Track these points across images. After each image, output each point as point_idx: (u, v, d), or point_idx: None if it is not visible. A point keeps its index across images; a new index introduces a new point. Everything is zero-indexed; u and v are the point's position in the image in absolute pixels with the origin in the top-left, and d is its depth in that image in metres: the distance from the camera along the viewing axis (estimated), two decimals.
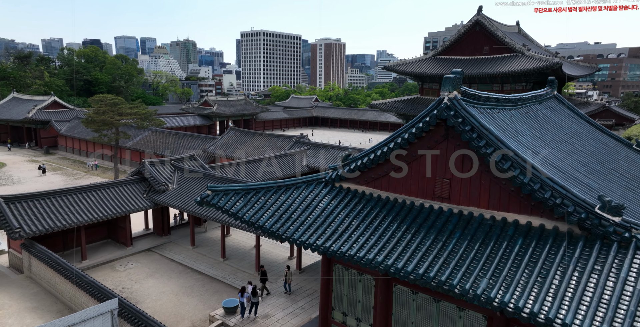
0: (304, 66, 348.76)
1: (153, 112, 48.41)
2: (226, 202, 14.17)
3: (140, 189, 27.18)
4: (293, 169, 37.54)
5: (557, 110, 17.69)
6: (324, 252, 12.12)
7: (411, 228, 11.94)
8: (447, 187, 12.10)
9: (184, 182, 27.68)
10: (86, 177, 50.51)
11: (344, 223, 12.84)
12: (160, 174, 27.89)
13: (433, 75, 54.82)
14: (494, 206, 11.32)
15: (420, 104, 57.78)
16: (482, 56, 53.43)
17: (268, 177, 34.29)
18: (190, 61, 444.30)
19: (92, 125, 43.90)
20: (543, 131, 14.65)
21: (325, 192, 14.15)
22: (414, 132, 12.29)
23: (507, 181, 10.90)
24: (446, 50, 57.31)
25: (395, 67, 58.31)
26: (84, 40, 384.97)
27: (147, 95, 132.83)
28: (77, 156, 64.82)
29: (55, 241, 24.35)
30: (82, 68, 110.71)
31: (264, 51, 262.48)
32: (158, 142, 55.28)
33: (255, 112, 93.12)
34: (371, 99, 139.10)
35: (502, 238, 10.64)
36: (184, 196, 26.16)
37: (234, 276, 23.25)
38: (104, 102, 44.66)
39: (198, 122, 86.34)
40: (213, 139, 51.09)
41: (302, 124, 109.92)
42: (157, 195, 26.69)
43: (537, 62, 46.05)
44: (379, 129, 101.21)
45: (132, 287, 21.81)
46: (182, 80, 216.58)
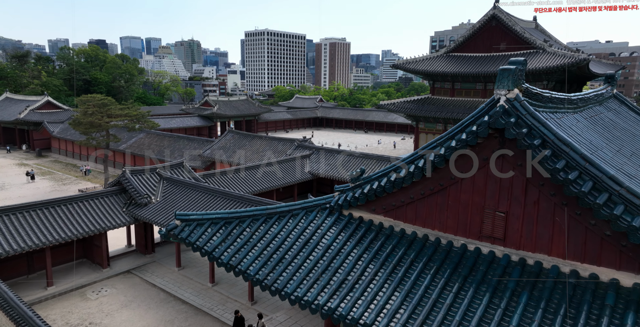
0: (308, 66, 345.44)
1: (146, 114, 45.17)
2: (199, 236, 10.75)
3: (119, 202, 23.84)
4: (294, 176, 34.11)
5: (621, 113, 14.11)
6: (328, 314, 8.66)
7: (452, 282, 8.46)
8: (501, 223, 8.61)
9: (170, 194, 24.33)
10: (76, 183, 47.39)
11: (355, 270, 9.38)
12: (142, 184, 24.55)
13: (445, 73, 51.16)
14: (575, 255, 7.82)
15: (431, 105, 54.19)
16: (499, 53, 49.72)
17: (266, 186, 30.88)
18: (194, 61, 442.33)
19: (79, 127, 40.73)
20: (618, 142, 11.10)
21: (330, 223, 10.68)
22: (453, 146, 8.81)
23: (599, 220, 7.40)
24: (459, 47, 53.61)
25: (405, 65, 54.70)
26: (90, 41, 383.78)
27: (148, 96, 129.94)
28: (71, 159, 61.80)
29: (19, 264, 21.10)
30: (81, 67, 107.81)
31: (268, 51, 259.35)
32: (153, 145, 52.06)
33: (257, 113, 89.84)
34: (377, 99, 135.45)
35: (599, 310, 7.10)
36: (168, 210, 22.81)
37: (224, 306, 19.84)
38: (92, 103, 41.48)
39: (198, 123, 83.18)
40: (210, 142, 47.79)
41: (306, 124, 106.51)
42: (137, 209, 23.35)
43: (561, 58, 42.28)
44: (385, 130, 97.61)
45: (102, 322, 18.46)
46: (185, 80, 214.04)
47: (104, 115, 40.59)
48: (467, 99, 52.57)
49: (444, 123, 54.21)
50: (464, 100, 52.36)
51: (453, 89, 53.89)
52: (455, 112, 50.31)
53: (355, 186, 10.72)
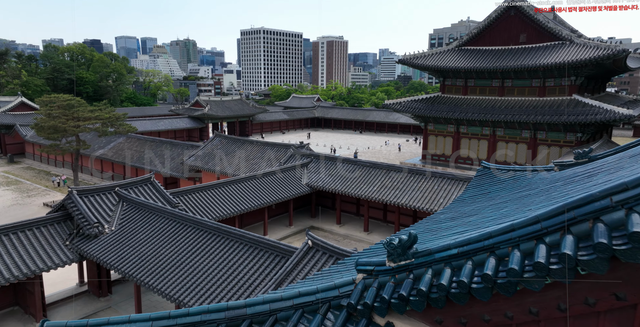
0: (305, 65, 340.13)
1: (122, 116, 39.75)
2: None
3: (62, 233, 18.48)
4: (290, 189, 28.80)
5: None
6: None
7: None
8: None
9: (129, 222, 18.98)
10: (44, 194, 41.92)
11: None
12: (94, 208, 19.18)
13: (458, 69, 45.86)
14: None
15: (441, 104, 48.91)
16: (519, 45, 44.47)
17: (255, 204, 25.55)
18: (190, 61, 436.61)
19: (42, 133, 35.36)
20: None
21: None
22: None
23: None
24: (473, 40, 48.33)
25: (412, 60, 49.41)
26: (85, 41, 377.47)
27: (138, 96, 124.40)
28: (45, 166, 56.32)
29: None
30: (66, 66, 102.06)
31: (265, 50, 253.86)
32: (133, 151, 46.63)
33: (252, 113, 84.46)
34: (376, 98, 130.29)
35: None
36: (124, 244, 17.47)
37: None
38: (56, 104, 36.07)
39: (188, 125, 77.76)
40: (196, 147, 42.42)
41: (303, 125, 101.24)
42: (85, 242, 18.00)
43: (594, 50, 37.04)
44: (387, 130, 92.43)
45: None
46: (179, 80, 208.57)
47: (69, 119, 35.20)
48: (482, 97, 47.34)
49: (456, 125, 48.98)
50: (479, 99, 47.13)
51: (466, 87, 48.65)
52: (470, 112, 45.08)
53: (400, 268, 5.38)
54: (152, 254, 16.36)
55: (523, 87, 44.33)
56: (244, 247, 15.43)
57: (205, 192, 25.06)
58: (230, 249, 15.57)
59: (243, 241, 15.62)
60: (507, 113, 42.38)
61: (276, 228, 29.56)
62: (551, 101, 41.64)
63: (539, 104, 42.04)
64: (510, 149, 45.56)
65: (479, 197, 15.34)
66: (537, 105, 41.79)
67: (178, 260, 15.74)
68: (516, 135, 44.88)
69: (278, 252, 14.60)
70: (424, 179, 26.67)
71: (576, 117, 37.29)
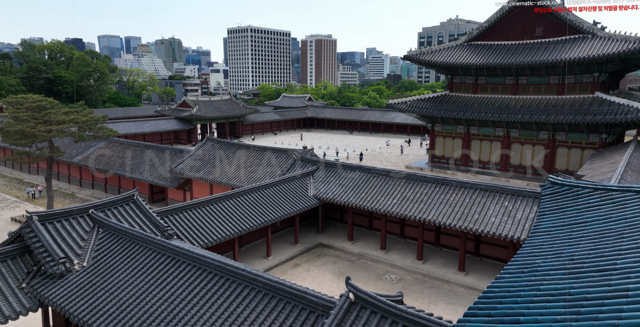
0: (293, 65, 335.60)
1: (101, 119, 35.37)
2: None
3: (17, 272, 14.45)
4: (295, 203, 25.03)
5: None
6: None
7: None
8: None
9: (106, 255, 15.01)
10: (13, 206, 37.45)
11: None
12: (59, 239, 15.15)
13: (468, 65, 42.57)
14: None
15: (450, 103, 45.56)
16: (534, 40, 41.32)
17: (256, 223, 21.71)
18: (175, 60, 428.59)
19: (8, 138, 30.93)
20: None
21: None
22: None
23: None
24: (484, 35, 45.07)
25: (418, 56, 45.98)
26: (66, 40, 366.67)
27: (121, 96, 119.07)
28: (18, 173, 51.54)
29: None
30: (43, 65, 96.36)
31: (252, 48, 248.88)
32: (114, 157, 42.30)
33: (242, 114, 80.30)
34: (368, 97, 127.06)
35: None
36: (98, 288, 13.54)
37: None
38: (25, 106, 31.66)
39: (175, 127, 73.34)
40: (185, 152, 38.27)
41: (295, 125, 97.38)
42: (48, 284, 14.01)
43: (622, 44, 33.98)
44: (382, 131, 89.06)
45: None
46: (165, 79, 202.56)
47: (39, 122, 30.85)
48: (493, 95, 44.13)
49: (467, 125, 45.69)
50: (491, 98, 43.91)
51: (476, 84, 45.39)
52: (482, 112, 41.82)
53: None
54: (136, 304, 12.48)
55: (539, 85, 41.22)
56: (257, 295, 11.67)
57: (199, 210, 21.15)
58: (238, 297, 11.79)
59: (256, 286, 11.84)
60: (524, 113, 39.20)
61: (280, 246, 25.78)
62: (572, 99, 38.58)
63: (558, 102, 38.95)
64: (526, 151, 42.43)
65: (575, 229, 11.80)
66: (557, 104, 38.69)
67: (169, 312, 11.91)
68: (532, 137, 41.74)
69: (304, 305, 10.88)
70: (451, 190, 23.16)
71: (603, 117, 34.23)
